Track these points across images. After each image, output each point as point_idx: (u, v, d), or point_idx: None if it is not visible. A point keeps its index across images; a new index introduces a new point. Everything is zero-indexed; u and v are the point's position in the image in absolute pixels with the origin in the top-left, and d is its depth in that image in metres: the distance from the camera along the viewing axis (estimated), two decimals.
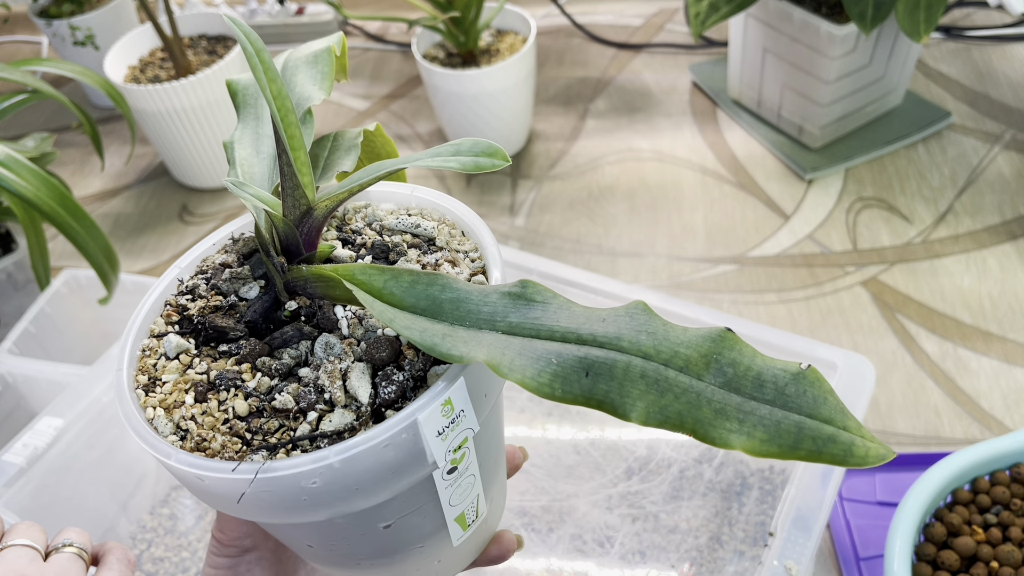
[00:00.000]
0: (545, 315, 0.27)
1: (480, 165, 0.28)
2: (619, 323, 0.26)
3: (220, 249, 0.36)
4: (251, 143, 0.34)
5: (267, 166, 0.34)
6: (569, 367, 0.25)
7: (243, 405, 0.29)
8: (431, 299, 0.28)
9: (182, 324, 0.33)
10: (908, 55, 0.94)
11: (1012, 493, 0.57)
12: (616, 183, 0.99)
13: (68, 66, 0.86)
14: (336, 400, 0.29)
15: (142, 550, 0.65)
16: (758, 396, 0.24)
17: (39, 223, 0.77)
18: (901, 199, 0.92)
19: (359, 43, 1.28)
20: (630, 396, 0.24)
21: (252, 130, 0.34)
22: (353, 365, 0.30)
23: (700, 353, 0.25)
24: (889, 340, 0.78)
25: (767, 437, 0.24)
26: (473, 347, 0.26)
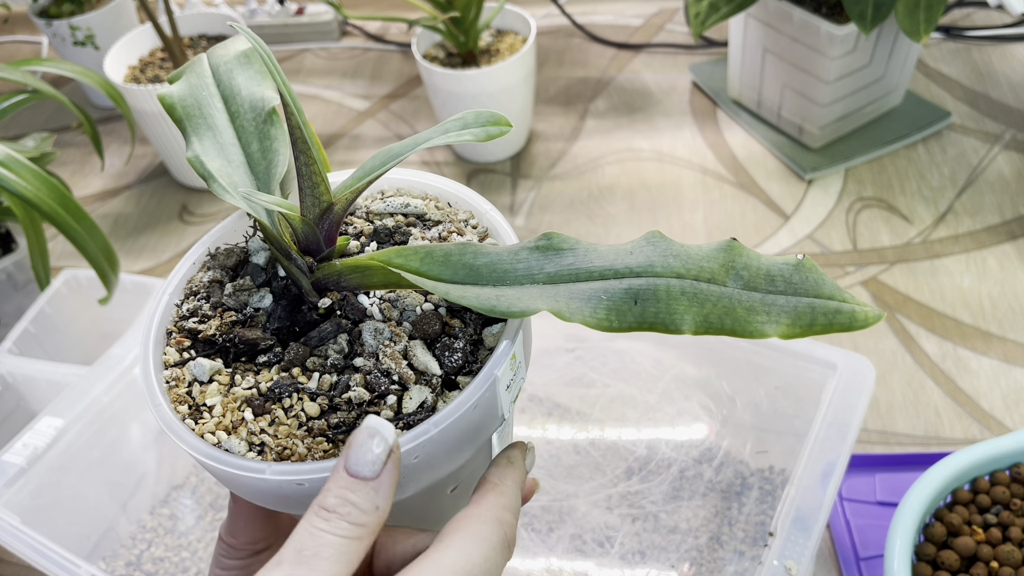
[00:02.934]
0: (577, 260, 0.29)
1: (490, 134, 0.30)
2: (646, 252, 0.29)
3: (201, 267, 0.35)
4: (217, 154, 0.33)
5: (243, 173, 0.33)
6: (619, 300, 0.27)
7: (313, 406, 0.30)
8: (468, 267, 0.29)
9: (198, 348, 0.32)
10: (908, 55, 0.94)
11: (1012, 493, 0.57)
12: (616, 183, 0.99)
13: (68, 66, 0.86)
14: (407, 379, 0.30)
15: (142, 550, 0.65)
16: (773, 290, 0.28)
17: (39, 223, 0.77)
18: (901, 199, 0.92)
19: (359, 43, 1.28)
20: (677, 313, 0.27)
21: (212, 141, 0.33)
22: (411, 343, 0.31)
23: (719, 264, 0.28)
24: (889, 340, 0.78)
25: (790, 321, 0.27)
26: (528, 301, 0.27)
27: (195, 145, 0.32)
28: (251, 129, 0.33)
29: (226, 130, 0.33)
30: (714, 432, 0.65)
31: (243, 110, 0.33)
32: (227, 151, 0.33)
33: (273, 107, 0.33)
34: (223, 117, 0.33)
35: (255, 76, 0.34)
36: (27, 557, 0.54)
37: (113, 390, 0.63)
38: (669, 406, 0.67)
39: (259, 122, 0.33)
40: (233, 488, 0.31)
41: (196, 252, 0.35)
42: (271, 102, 0.33)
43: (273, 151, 0.33)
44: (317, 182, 0.30)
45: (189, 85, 0.33)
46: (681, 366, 0.66)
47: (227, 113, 0.33)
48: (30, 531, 0.54)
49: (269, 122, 0.33)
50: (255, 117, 0.33)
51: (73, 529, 0.63)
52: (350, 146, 1.09)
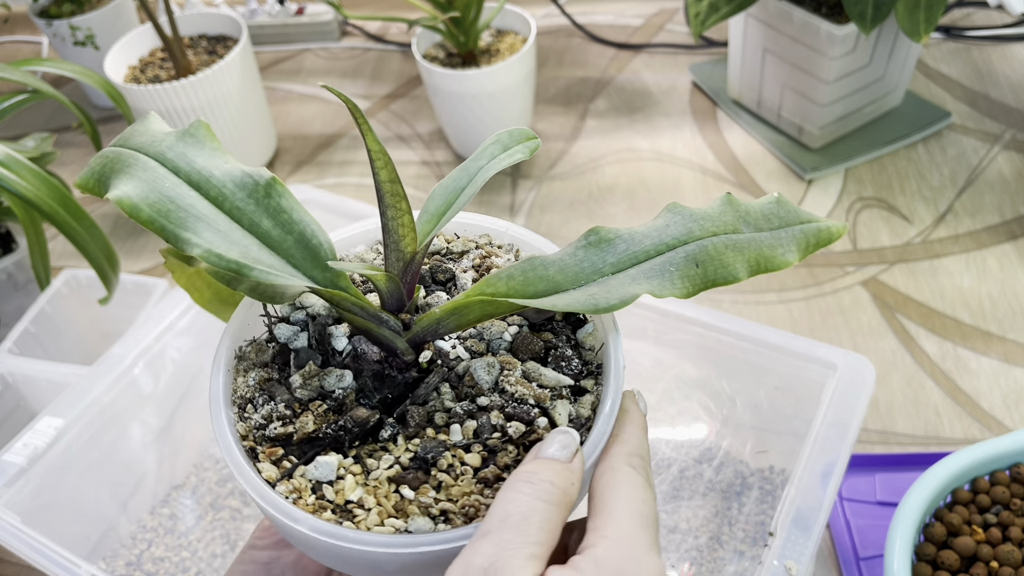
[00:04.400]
0: (630, 245, 0.31)
1: (531, 148, 0.33)
2: (679, 222, 0.31)
3: (238, 373, 0.32)
4: (225, 242, 0.28)
5: (268, 254, 0.30)
6: (684, 267, 0.30)
7: (473, 457, 0.29)
8: (544, 279, 0.30)
9: (297, 451, 0.30)
10: (908, 55, 0.94)
11: (1012, 493, 0.57)
12: (616, 183, 0.99)
13: (68, 66, 0.86)
14: (543, 399, 0.30)
15: (142, 550, 0.65)
16: (773, 226, 0.32)
17: (39, 223, 0.77)
18: (901, 199, 0.92)
19: (359, 43, 1.28)
20: (730, 264, 0.30)
21: (211, 232, 0.28)
22: (526, 366, 0.31)
23: (732, 217, 0.31)
24: (889, 340, 0.78)
25: (796, 247, 0.31)
26: (619, 291, 0.29)
27: (196, 240, 0.28)
28: (251, 208, 0.30)
29: (216, 217, 0.29)
30: (714, 432, 0.65)
31: (228, 191, 0.30)
32: (232, 237, 0.29)
33: (272, 178, 0.30)
34: (203, 204, 0.29)
35: (216, 153, 0.31)
36: (27, 557, 0.54)
37: (113, 390, 0.63)
38: (669, 406, 0.67)
39: (259, 198, 0.30)
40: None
41: (222, 361, 0.32)
42: (264, 175, 0.30)
43: (297, 222, 0.30)
44: (404, 235, 0.30)
45: (144, 181, 0.29)
46: (681, 366, 0.66)
47: (207, 200, 0.29)
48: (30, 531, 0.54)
49: (274, 195, 0.30)
50: (250, 195, 0.30)
51: (73, 529, 0.63)
52: (350, 146, 1.09)
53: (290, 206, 0.30)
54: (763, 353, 0.60)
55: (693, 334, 0.62)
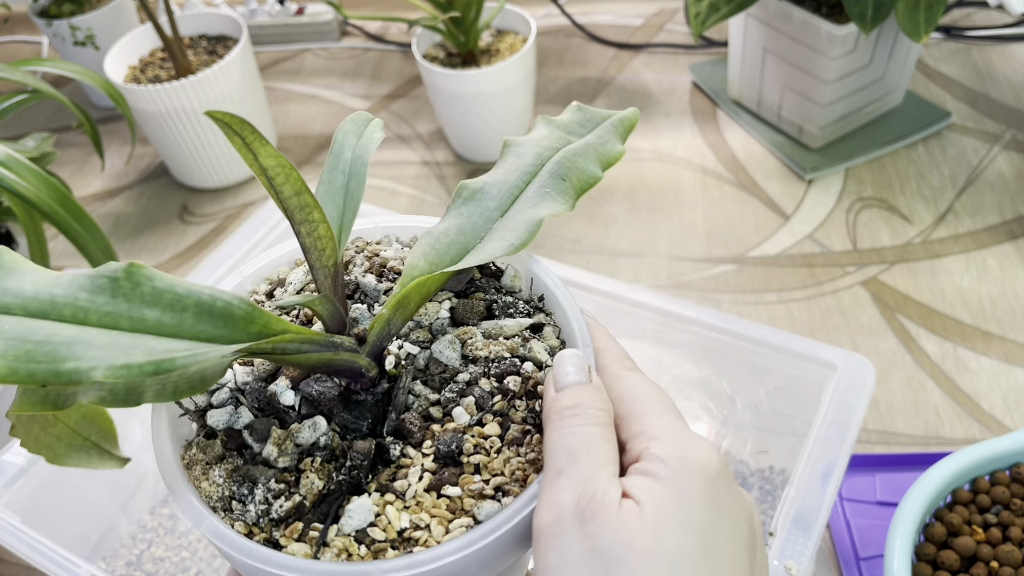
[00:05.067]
0: (500, 187, 0.33)
1: (379, 126, 0.34)
2: (528, 152, 0.33)
3: (198, 481, 0.29)
4: (118, 354, 0.24)
5: (161, 341, 0.26)
6: (555, 185, 0.32)
7: (492, 427, 0.29)
8: (455, 244, 0.31)
9: (315, 512, 0.28)
10: (908, 55, 0.94)
11: (1012, 493, 0.57)
12: (616, 183, 0.99)
13: (68, 66, 0.86)
14: (516, 348, 0.31)
15: (142, 550, 0.65)
16: (588, 129, 0.35)
17: (39, 223, 0.77)
18: (901, 199, 0.92)
19: (359, 43, 1.28)
20: (585, 167, 0.33)
21: (97, 350, 0.24)
22: (484, 327, 0.32)
23: (560, 133, 0.35)
24: (889, 340, 0.78)
25: (616, 137, 0.34)
26: (519, 226, 0.31)
27: (86, 364, 0.24)
28: (123, 308, 0.26)
29: (88, 334, 0.25)
30: (714, 432, 0.65)
31: (84, 303, 0.25)
32: (121, 344, 0.25)
33: (128, 265, 0.26)
34: (64, 328, 0.25)
35: (38, 271, 0.26)
36: (27, 557, 0.54)
37: None
38: None
39: (127, 292, 0.26)
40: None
41: (173, 479, 0.29)
42: (117, 268, 0.26)
43: (186, 295, 0.27)
44: (324, 247, 0.29)
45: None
46: (681, 366, 0.66)
47: (65, 323, 0.25)
48: (30, 531, 0.54)
49: (142, 281, 0.26)
50: (113, 295, 0.26)
51: (73, 529, 0.63)
52: None
53: (168, 284, 0.26)
54: (763, 353, 0.60)
55: (693, 334, 0.62)
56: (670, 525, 0.25)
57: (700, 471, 0.26)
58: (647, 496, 0.25)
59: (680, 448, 0.26)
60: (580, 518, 0.25)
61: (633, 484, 0.26)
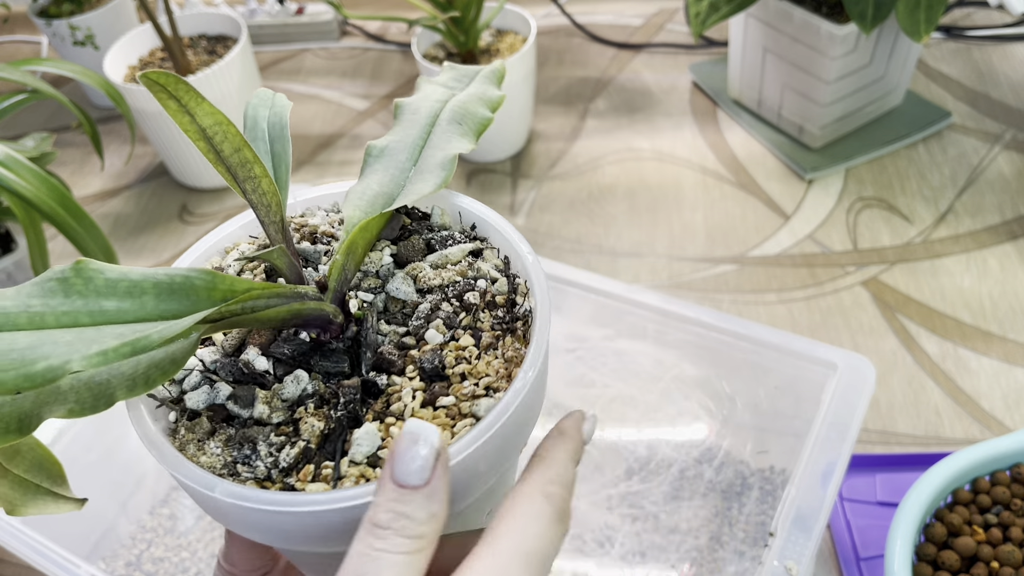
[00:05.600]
0: (404, 143, 0.35)
1: (284, 105, 0.34)
2: (424, 106, 0.35)
3: (195, 458, 0.29)
4: (88, 345, 0.24)
5: (129, 326, 0.26)
6: (455, 128, 0.35)
7: (466, 339, 0.30)
8: (381, 196, 0.33)
9: (325, 451, 0.29)
10: (908, 55, 0.94)
11: (1012, 493, 0.57)
12: (616, 183, 0.99)
13: (68, 66, 0.86)
14: (465, 272, 0.33)
15: (142, 550, 0.65)
16: (466, 83, 0.38)
17: (39, 223, 0.77)
18: (901, 199, 0.92)
19: (359, 43, 1.28)
20: (476, 111, 0.36)
21: (65, 347, 0.24)
22: (431, 259, 0.34)
23: (444, 87, 0.38)
24: (889, 340, 0.78)
25: (492, 85, 0.37)
26: (436, 167, 0.34)
27: (57, 361, 0.23)
28: (80, 304, 0.25)
29: (50, 336, 0.24)
30: (714, 432, 0.65)
31: (37, 307, 0.25)
32: (87, 336, 0.25)
33: (75, 262, 0.25)
34: (23, 336, 0.24)
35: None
36: (27, 557, 0.54)
37: None
38: (669, 406, 0.67)
39: (80, 288, 0.25)
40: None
41: (170, 455, 0.28)
42: (64, 268, 0.25)
43: (140, 280, 0.26)
44: (270, 200, 0.29)
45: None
46: (681, 366, 0.66)
47: (21, 330, 0.24)
48: (30, 531, 0.54)
49: (93, 275, 0.25)
50: (67, 294, 0.25)
51: (73, 529, 0.63)
52: (350, 146, 1.09)
53: (121, 272, 0.25)
54: (763, 353, 0.60)
55: (693, 334, 0.62)
56: None
57: None
58: None
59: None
60: None
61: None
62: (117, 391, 0.25)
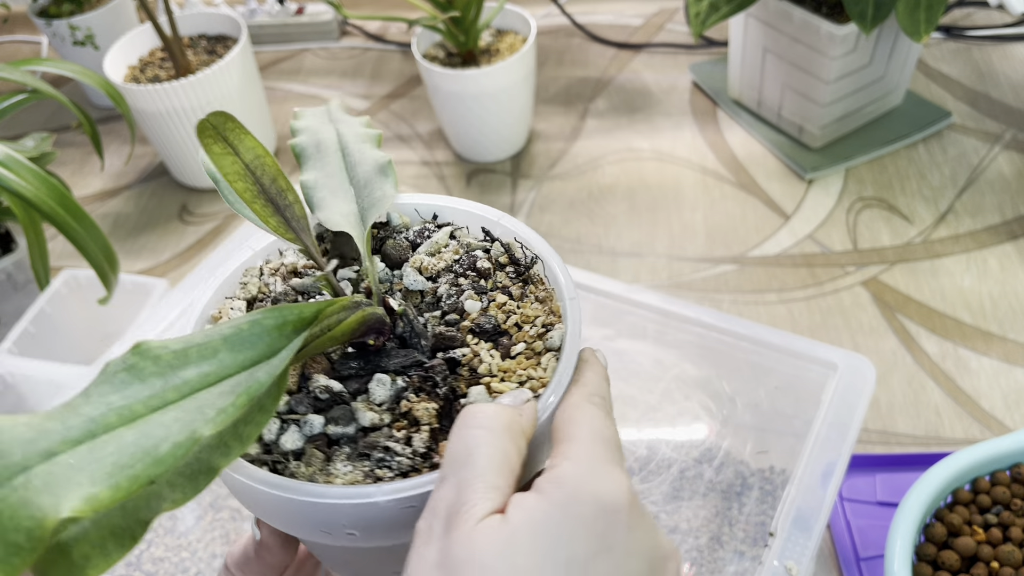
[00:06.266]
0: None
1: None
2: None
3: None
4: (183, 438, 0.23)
5: (204, 410, 0.24)
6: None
7: (508, 304, 0.33)
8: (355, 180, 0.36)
9: (446, 419, 0.30)
10: (908, 55, 0.94)
11: (1012, 493, 0.57)
12: (616, 183, 0.99)
13: (68, 66, 0.86)
14: (480, 245, 0.36)
15: (142, 550, 0.65)
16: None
17: (39, 223, 0.77)
18: (901, 199, 0.92)
19: (359, 43, 1.28)
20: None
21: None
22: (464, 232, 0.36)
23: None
24: (889, 340, 0.78)
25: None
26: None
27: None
28: (159, 384, 0.24)
29: (129, 432, 0.23)
30: (714, 432, 0.65)
31: (114, 405, 0.23)
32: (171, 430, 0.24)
33: (135, 345, 0.25)
34: (114, 435, 0.23)
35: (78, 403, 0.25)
36: None
37: None
38: (669, 406, 0.67)
39: (157, 370, 0.24)
40: None
41: (307, 490, 0.28)
42: (126, 355, 0.24)
43: (205, 341, 0.25)
44: (304, 225, 0.32)
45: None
46: (681, 366, 0.66)
47: (106, 433, 0.23)
48: None
49: (161, 354, 0.24)
50: (145, 378, 0.24)
51: None
52: None
53: (184, 341, 0.24)
54: (763, 353, 0.60)
55: (693, 334, 0.62)
56: (529, 547, 0.23)
57: (593, 499, 0.24)
58: (517, 512, 0.24)
59: (584, 472, 0.25)
60: (446, 527, 0.24)
61: (516, 499, 0.24)
62: (213, 459, 0.24)
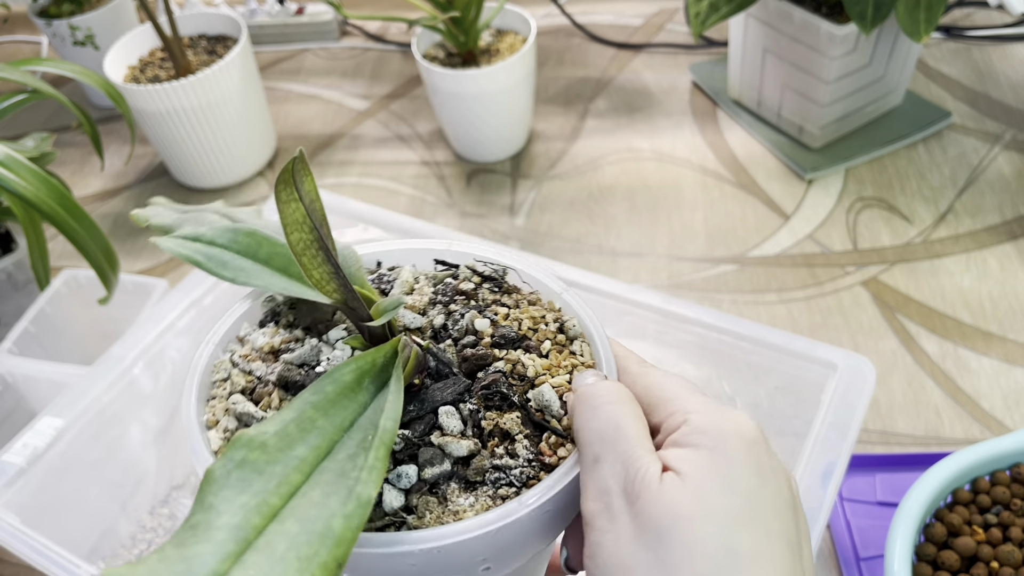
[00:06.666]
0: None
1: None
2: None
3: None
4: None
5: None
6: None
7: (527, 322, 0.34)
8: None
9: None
10: (908, 55, 0.94)
11: (1012, 493, 0.57)
12: (616, 183, 0.99)
13: (68, 66, 0.86)
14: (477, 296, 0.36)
15: (142, 550, 0.65)
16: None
17: (39, 223, 0.77)
18: (901, 199, 0.92)
19: (359, 43, 1.28)
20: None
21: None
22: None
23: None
24: (889, 340, 0.78)
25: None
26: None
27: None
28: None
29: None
30: None
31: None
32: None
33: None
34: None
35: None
36: (27, 557, 0.54)
37: (113, 390, 0.63)
38: None
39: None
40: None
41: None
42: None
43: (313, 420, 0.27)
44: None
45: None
46: (681, 366, 0.66)
47: None
48: (30, 531, 0.54)
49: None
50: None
51: (73, 529, 0.63)
52: (350, 146, 1.09)
53: (279, 421, 0.25)
54: (763, 353, 0.60)
55: (693, 334, 0.62)
56: (714, 489, 0.25)
57: (738, 437, 0.27)
58: (687, 466, 0.26)
59: (716, 418, 0.27)
60: (627, 499, 0.25)
61: (672, 456, 0.26)
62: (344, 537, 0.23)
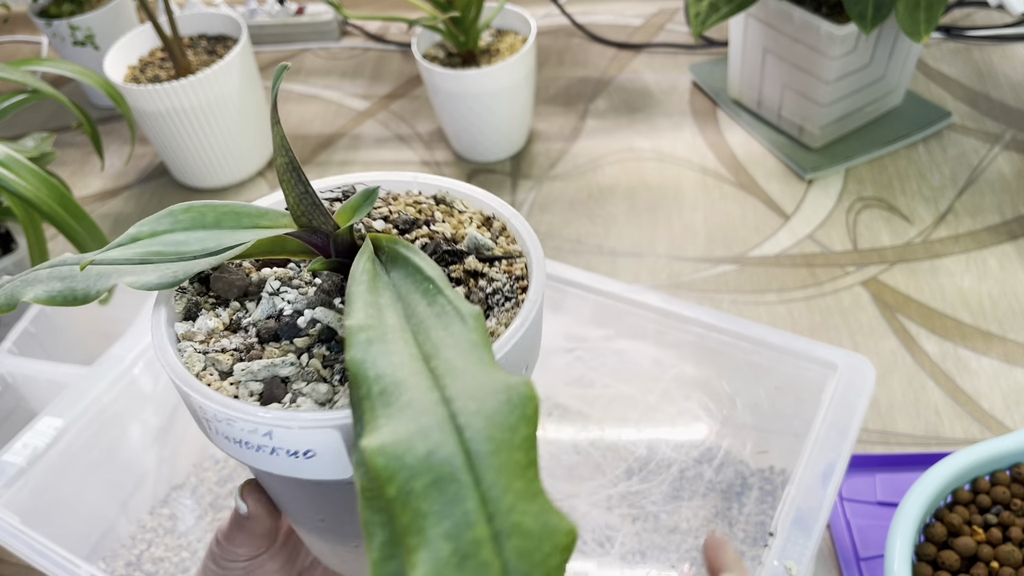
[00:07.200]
0: None
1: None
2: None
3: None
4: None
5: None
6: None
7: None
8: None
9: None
10: (908, 55, 0.94)
11: (1012, 493, 0.57)
12: (616, 183, 0.99)
13: (68, 66, 0.86)
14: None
15: (142, 550, 0.65)
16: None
17: (39, 223, 0.77)
18: (901, 199, 0.92)
19: (359, 43, 1.28)
20: None
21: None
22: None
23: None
24: (889, 340, 0.78)
25: None
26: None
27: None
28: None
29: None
30: (714, 432, 0.65)
31: None
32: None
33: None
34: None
35: None
36: (27, 557, 0.54)
37: (113, 390, 0.63)
38: (669, 406, 0.67)
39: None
40: None
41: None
42: None
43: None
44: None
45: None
46: (681, 366, 0.66)
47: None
48: (30, 531, 0.54)
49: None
50: None
51: (73, 529, 0.63)
52: (350, 146, 1.09)
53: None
54: (763, 353, 0.60)
55: (693, 334, 0.62)
56: None
57: None
58: None
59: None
60: None
61: None
62: None
